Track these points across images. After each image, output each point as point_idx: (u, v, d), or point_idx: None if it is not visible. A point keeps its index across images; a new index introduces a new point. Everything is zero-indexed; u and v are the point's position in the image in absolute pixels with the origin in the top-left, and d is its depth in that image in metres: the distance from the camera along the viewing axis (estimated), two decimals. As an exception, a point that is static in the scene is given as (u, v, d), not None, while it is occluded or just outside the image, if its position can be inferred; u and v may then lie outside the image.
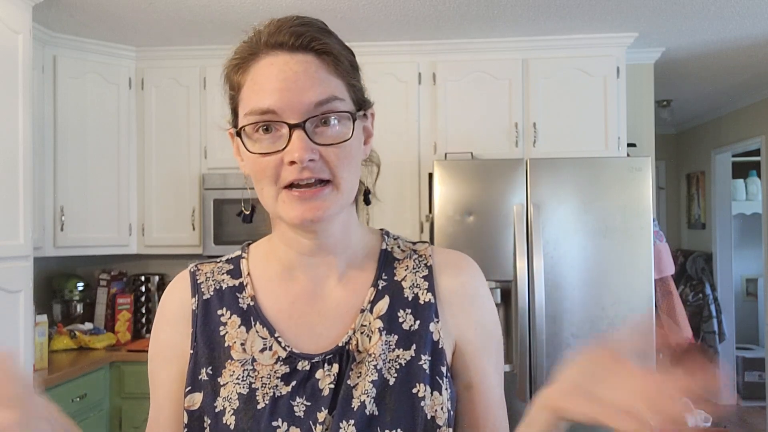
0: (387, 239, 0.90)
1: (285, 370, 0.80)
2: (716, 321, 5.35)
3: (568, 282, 2.80)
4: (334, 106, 0.76)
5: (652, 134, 3.71)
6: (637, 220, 2.79)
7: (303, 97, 0.74)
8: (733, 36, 3.36)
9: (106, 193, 3.42)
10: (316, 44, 0.77)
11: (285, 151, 0.74)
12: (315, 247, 0.83)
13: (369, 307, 0.83)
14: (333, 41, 0.79)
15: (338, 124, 0.76)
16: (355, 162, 0.80)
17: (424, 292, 0.85)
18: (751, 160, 5.53)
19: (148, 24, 3.14)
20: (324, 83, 0.76)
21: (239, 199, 0.90)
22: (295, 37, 0.76)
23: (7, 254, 2.47)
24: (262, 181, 0.77)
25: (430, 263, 0.87)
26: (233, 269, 0.88)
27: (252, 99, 0.76)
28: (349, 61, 0.80)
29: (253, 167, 0.78)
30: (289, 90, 0.74)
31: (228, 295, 0.85)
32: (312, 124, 0.75)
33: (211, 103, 3.47)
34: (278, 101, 0.74)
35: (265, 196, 0.78)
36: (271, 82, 0.75)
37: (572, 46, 3.36)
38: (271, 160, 0.75)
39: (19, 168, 2.55)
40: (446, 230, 2.86)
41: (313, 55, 0.77)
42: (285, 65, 0.75)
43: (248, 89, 0.77)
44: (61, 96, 3.27)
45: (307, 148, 0.74)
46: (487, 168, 2.90)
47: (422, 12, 2.99)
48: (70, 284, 3.52)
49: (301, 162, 0.73)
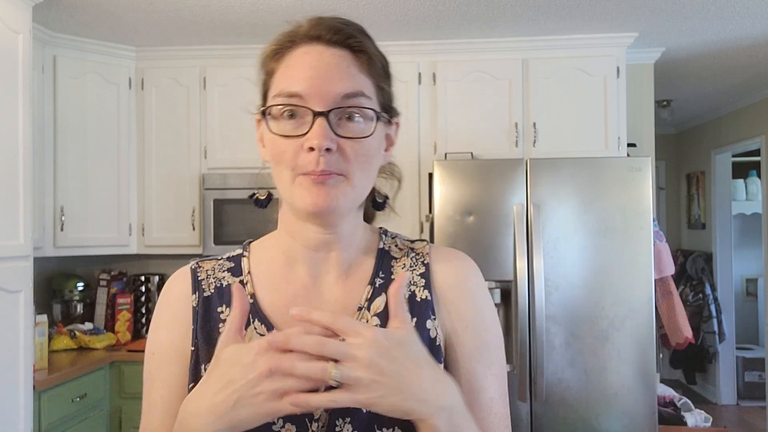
0: (385, 238, 0.90)
1: None
2: (716, 321, 5.35)
3: (568, 282, 2.79)
4: (360, 101, 0.78)
5: (652, 134, 3.71)
6: (637, 220, 2.79)
7: (331, 87, 0.76)
8: (733, 36, 3.36)
9: (106, 193, 3.42)
10: (352, 41, 0.79)
11: (306, 136, 0.75)
12: (320, 242, 0.84)
13: (366, 304, 0.83)
14: (370, 43, 0.81)
15: (362, 122, 0.78)
16: (372, 162, 0.80)
17: (421, 289, 0.85)
18: (751, 160, 5.53)
19: (148, 24, 3.14)
20: (354, 78, 0.78)
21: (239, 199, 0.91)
22: (333, 31, 0.79)
23: (7, 254, 2.47)
24: (280, 164, 0.78)
25: (427, 261, 0.87)
26: (234, 267, 0.88)
27: (282, 82, 0.78)
28: (382, 65, 0.83)
29: (273, 149, 0.79)
30: (319, 78, 0.76)
31: (228, 292, 0.85)
32: (336, 115, 0.76)
33: (211, 103, 3.47)
34: (307, 88, 0.76)
35: (283, 180, 0.79)
36: (303, 69, 0.77)
37: (572, 46, 3.36)
38: (291, 143, 0.77)
39: (19, 168, 2.54)
40: (446, 230, 2.86)
41: (349, 51, 0.79)
42: (319, 55, 0.78)
43: (281, 74, 0.79)
44: (61, 96, 3.27)
45: (327, 136, 0.75)
46: (487, 168, 2.90)
47: (422, 12, 2.99)
48: (70, 284, 3.52)
49: (320, 149, 0.74)
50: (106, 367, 3.13)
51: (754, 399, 5.39)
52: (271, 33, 0.83)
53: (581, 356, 2.78)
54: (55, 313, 3.47)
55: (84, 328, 3.32)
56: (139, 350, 3.22)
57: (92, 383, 3.00)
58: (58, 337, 3.22)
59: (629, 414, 2.75)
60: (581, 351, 2.78)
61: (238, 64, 3.43)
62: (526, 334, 2.76)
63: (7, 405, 2.42)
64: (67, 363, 2.96)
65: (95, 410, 3.03)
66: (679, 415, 2.94)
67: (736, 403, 5.51)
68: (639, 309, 2.76)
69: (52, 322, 3.38)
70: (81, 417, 2.91)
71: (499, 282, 2.81)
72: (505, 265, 2.82)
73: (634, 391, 2.76)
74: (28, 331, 2.56)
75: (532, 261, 2.77)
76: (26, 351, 2.54)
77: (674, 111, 5.04)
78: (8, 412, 2.43)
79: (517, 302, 2.76)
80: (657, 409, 2.77)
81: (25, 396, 2.51)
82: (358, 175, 0.78)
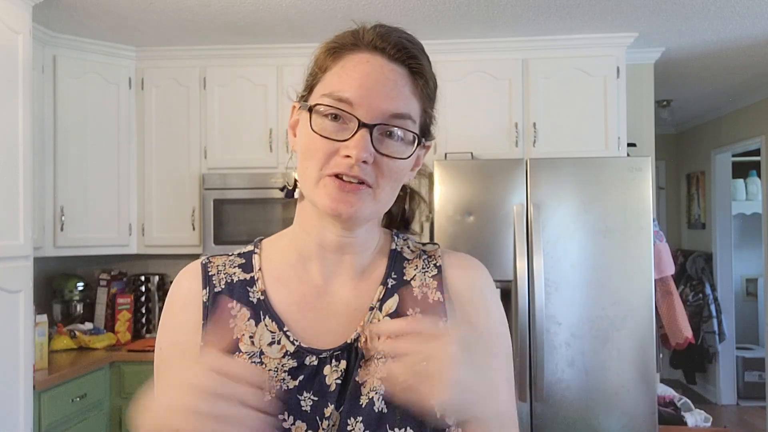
0: (397, 239, 0.91)
1: (292, 364, 0.80)
2: (716, 321, 5.35)
3: (568, 282, 2.79)
4: (406, 124, 0.78)
5: (652, 134, 3.71)
6: (637, 220, 2.79)
7: (383, 102, 0.77)
8: (733, 36, 3.36)
9: (106, 193, 3.42)
10: (413, 62, 0.80)
11: (345, 143, 0.76)
12: (336, 243, 0.84)
13: (378, 305, 0.84)
14: (428, 66, 0.82)
15: (401, 142, 0.79)
16: (400, 181, 0.82)
17: (434, 291, 0.86)
18: (751, 160, 5.53)
19: (148, 24, 3.14)
20: (406, 99, 0.79)
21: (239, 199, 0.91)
22: (397, 48, 0.79)
23: (7, 254, 2.47)
24: (310, 160, 0.79)
25: (439, 263, 0.88)
26: (245, 263, 0.88)
27: (336, 83, 0.78)
28: (433, 90, 0.84)
29: (307, 144, 0.79)
30: (373, 90, 0.77)
31: (239, 288, 0.86)
32: (379, 131, 0.77)
33: (211, 103, 3.47)
34: (360, 97, 0.76)
35: (308, 175, 0.79)
36: (360, 77, 0.77)
37: (572, 46, 3.36)
38: (328, 145, 0.77)
39: (19, 168, 2.55)
40: (446, 230, 2.86)
41: (407, 70, 0.80)
42: (380, 67, 0.78)
43: (335, 73, 0.79)
44: (61, 96, 3.27)
45: (367, 149, 0.75)
46: (487, 168, 2.90)
47: (422, 12, 2.99)
48: (70, 284, 3.52)
49: (357, 160, 0.75)
50: (106, 367, 3.13)
51: (754, 399, 5.39)
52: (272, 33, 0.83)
53: (581, 356, 2.78)
54: (55, 313, 3.47)
55: (84, 328, 3.32)
56: (139, 350, 3.22)
57: (92, 383, 3.00)
58: (58, 337, 3.22)
59: (629, 414, 2.75)
60: (581, 351, 2.78)
61: (238, 64, 3.43)
62: (526, 334, 2.76)
63: (7, 405, 2.42)
64: (67, 363, 2.96)
65: (95, 410, 3.03)
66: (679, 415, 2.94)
67: (736, 403, 5.51)
68: (639, 309, 2.77)
69: (52, 322, 3.38)
70: (81, 417, 2.91)
71: (499, 282, 2.81)
72: (505, 265, 2.82)
73: (634, 391, 2.76)
74: (28, 331, 2.56)
75: (532, 261, 2.77)
76: (26, 351, 2.54)
77: (674, 111, 5.04)
78: (8, 412, 2.43)
79: (517, 302, 2.76)
80: (657, 409, 2.77)
81: (25, 396, 2.52)
82: (386, 190, 0.79)
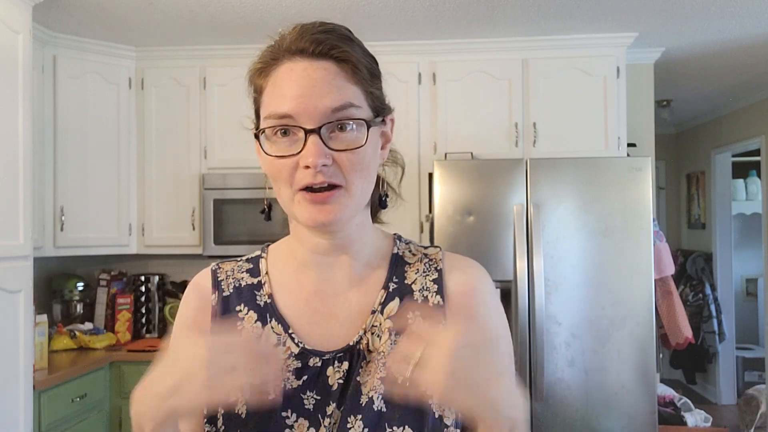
0: (399, 243, 0.92)
1: (297, 365, 0.82)
2: (716, 321, 5.35)
3: (568, 282, 2.80)
4: (350, 113, 0.78)
5: (652, 134, 3.71)
6: (637, 220, 2.79)
7: (319, 103, 0.76)
8: (733, 36, 3.36)
9: (106, 193, 3.42)
10: (335, 52, 0.79)
11: (300, 155, 0.76)
12: (329, 247, 0.85)
13: (380, 308, 0.85)
14: (354, 49, 0.81)
15: (354, 131, 0.78)
16: (369, 168, 0.81)
17: (433, 294, 0.87)
18: (751, 160, 5.52)
19: (148, 24, 3.14)
20: (341, 90, 0.78)
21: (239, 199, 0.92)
22: (315, 44, 0.78)
23: (7, 254, 2.47)
24: (278, 181, 0.80)
25: (440, 267, 0.89)
26: (252, 268, 0.91)
27: (271, 103, 0.79)
28: (369, 69, 0.82)
29: (270, 168, 0.80)
30: (306, 96, 0.76)
31: (246, 292, 0.88)
32: (328, 129, 0.77)
33: (211, 103, 3.47)
34: (296, 107, 0.76)
35: (282, 196, 0.81)
36: (290, 88, 0.77)
37: (572, 46, 3.36)
38: (287, 162, 0.78)
39: (19, 168, 2.54)
40: (446, 230, 2.86)
41: (333, 62, 0.79)
42: (304, 72, 0.78)
43: (269, 93, 0.80)
44: (61, 96, 3.27)
45: (321, 153, 0.76)
46: (487, 168, 2.90)
47: (422, 12, 2.99)
48: (70, 284, 3.52)
49: (315, 167, 0.75)
50: (106, 367, 3.13)
51: (754, 399, 5.38)
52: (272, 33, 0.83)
53: (581, 356, 2.78)
54: (55, 313, 3.47)
55: (84, 328, 3.32)
56: (139, 350, 3.22)
57: (92, 383, 3.00)
58: (58, 337, 3.22)
59: (629, 414, 2.75)
60: (581, 351, 2.78)
61: (238, 64, 3.39)
62: (526, 334, 2.76)
63: (7, 405, 2.42)
64: (67, 363, 2.96)
65: (95, 410, 3.03)
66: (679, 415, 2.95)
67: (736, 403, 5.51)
68: (639, 309, 2.77)
69: (52, 322, 3.38)
70: (81, 417, 2.91)
71: (499, 282, 2.81)
72: (505, 265, 2.82)
73: (634, 391, 2.76)
74: (28, 331, 2.56)
75: (532, 261, 2.77)
76: (26, 351, 2.54)
77: (674, 111, 5.04)
78: (8, 412, 2.43)
79: (517, 302, 2.76)
80: (657, 409, 2.77)
81: (25, 396, 2.52)
82: (357, 184, 0.79)
